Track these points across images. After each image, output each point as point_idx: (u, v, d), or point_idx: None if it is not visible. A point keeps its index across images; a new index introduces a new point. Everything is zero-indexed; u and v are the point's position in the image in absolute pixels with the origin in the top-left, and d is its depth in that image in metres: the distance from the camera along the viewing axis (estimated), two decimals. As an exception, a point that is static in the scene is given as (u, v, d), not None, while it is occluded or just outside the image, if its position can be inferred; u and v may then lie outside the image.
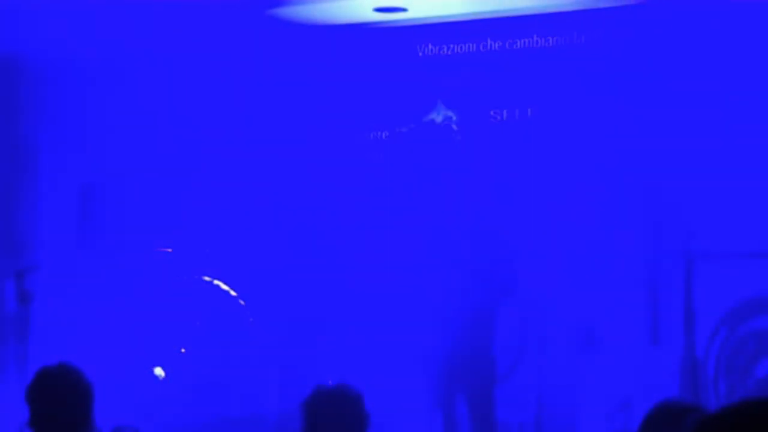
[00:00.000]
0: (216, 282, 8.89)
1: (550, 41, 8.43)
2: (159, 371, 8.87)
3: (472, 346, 7.44)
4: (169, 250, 8.86)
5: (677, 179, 8.09)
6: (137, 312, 8.60)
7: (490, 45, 8.58)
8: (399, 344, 8.53)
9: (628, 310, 8.18)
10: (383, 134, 8.91)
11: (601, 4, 8.19)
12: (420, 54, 8.79)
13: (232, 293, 8.87)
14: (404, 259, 8.24)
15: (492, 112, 8.68)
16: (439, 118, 7.65)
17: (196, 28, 8.35)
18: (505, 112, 8.68)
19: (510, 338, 8.29)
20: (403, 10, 8.27)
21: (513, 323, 8.31)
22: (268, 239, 9.00)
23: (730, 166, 7.79)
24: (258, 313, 8.94)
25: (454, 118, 7.68)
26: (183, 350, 8.89)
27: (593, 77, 8.33)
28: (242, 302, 8.93)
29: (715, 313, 7.79)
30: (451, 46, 8.67)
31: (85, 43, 8.31)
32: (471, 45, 8.61)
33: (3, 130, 8.55)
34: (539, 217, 8.25)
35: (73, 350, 7.48)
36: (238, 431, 8.71)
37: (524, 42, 8.55)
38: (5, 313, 8.14)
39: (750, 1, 7.73)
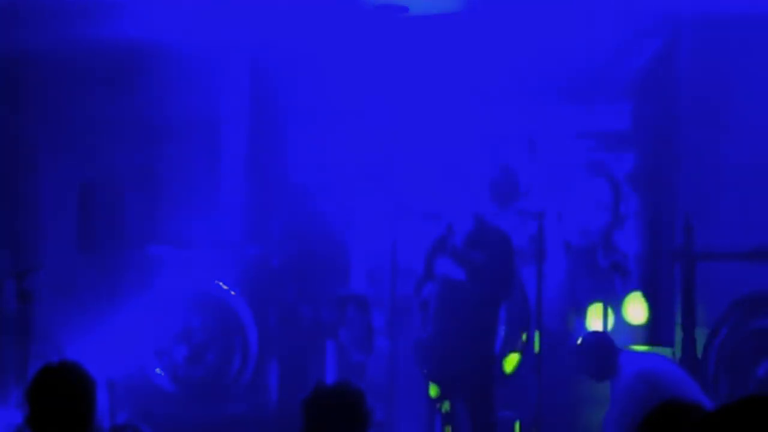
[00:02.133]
0: (217, 282, 8.89)
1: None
2: (159, 371, 8.86)
3: (471, 346, 7.43)
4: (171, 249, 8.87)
5: (677, 179, 8.10)
6: (137, 311, 8.61)
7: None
8: (399, 345, 8.54)
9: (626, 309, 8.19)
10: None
11: None
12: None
13: (232, 293, 8.87)
14: (405, 258, 8.24)
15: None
16: None
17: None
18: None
19: (509, 338, 8.29)
20: (404, 9, 8.24)
21: (512, 323, 8.31)
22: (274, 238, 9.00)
23: (731, 166, 7.79)
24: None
25: None
26: (182, 350, 8.89)
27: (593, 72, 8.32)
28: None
29: (715, 313, 7.79)
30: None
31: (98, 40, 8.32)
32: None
33: (3, 129, 8.55)
34: (537, 216, 8.25)
35: (73, 350, 7.48)
36: (238, 430, 8.71)
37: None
38: (5, 313, 8.14)
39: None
